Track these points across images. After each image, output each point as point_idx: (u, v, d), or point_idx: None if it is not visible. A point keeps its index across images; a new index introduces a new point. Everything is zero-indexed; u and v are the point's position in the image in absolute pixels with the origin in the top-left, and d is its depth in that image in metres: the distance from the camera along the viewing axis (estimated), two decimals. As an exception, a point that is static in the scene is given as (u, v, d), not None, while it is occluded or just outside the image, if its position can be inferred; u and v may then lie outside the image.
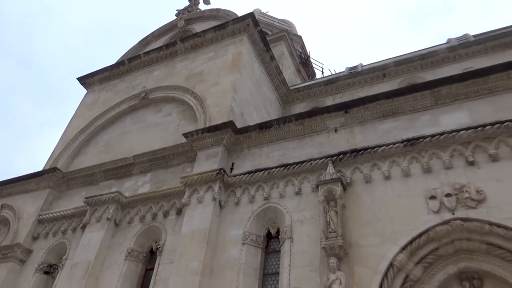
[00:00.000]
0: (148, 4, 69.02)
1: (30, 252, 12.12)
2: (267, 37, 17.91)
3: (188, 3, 20.52)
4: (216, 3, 40.06)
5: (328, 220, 8.08)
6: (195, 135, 11.30)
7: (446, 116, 8.82)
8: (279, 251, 8.97)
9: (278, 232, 9.23)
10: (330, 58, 65.97)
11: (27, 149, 58.03)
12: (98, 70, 17.92)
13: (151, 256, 10.68)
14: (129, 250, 10.47)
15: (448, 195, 7.61)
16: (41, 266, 11.60)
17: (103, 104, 16.14)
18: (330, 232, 7.89)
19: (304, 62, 24.36)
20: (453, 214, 7.36)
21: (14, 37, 59.30)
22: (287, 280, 8.00)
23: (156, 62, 16.42)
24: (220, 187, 10.06)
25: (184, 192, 10.38)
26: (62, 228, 12.10)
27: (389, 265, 7.26)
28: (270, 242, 9.48)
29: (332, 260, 7.49)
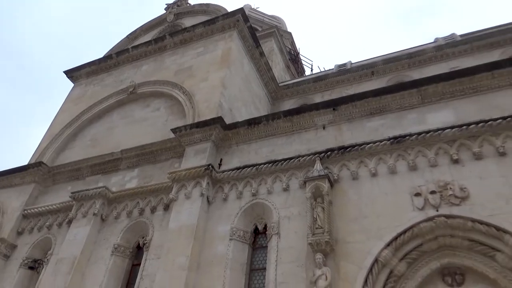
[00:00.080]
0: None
1: (14, 247, 11.97)
2: (257, 33, 17.86)
3: (178, -3, 20.34)
4: (206, -3, 39.69)
5: (315, 216, 8.15)
6: (183, 130, 11.26)
7: (432, 114, 8.95)
8: (266, 247, 9.02)
9: (265, 228, 9.28)
10: (319, 55, 66.18)
11: (11, 143, 57.06)
12: (85, 64, 17.68)
13: (137, 252, 10.65)
14: (115, 246, 10.42)
15: (432, 192, 7.75)
16: (25, 262, 11.47)
17: (90, 98, 15.95)
18: (316, 228, 7.96)
19: (293, 59, 24.40)
20: (437, 211, 7.50)
21: (-1, 27, 57.93)
22: (273, 275, 8.05)
23: (145, 56, 16.27)
24: (208, 183, 10.05)
25: (172, 188, 10.35)
26: (48, 223, 11.97)
27: (374, 260, 7.37)
28: (258, 238, 9.53)
29: (318, 256, 7.57)
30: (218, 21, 15.08)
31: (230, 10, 15.78)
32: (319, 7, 70.12)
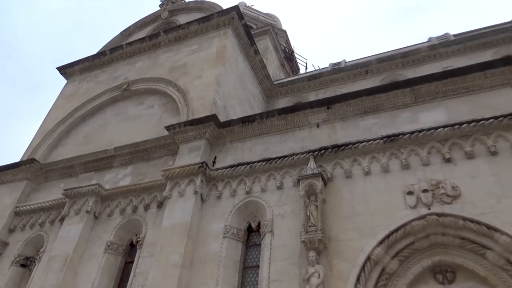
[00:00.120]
0: (132, -6, 67.62)
1: (6, 244, 11.86)
2: (251, 31, 17.86)
3: (173, -7, 20.22)
4: (201, -6, 39.49)
5: (308, 214, 8.18)
6: (177, 128, 11.23)
7: (425, 113, 9.02)
8: (260, 245, 9.05)
9: (259, 226, 9.30)
10: (314, 53, 66.15)
11: (4, 139, 56.48)
12: (79, 60, 17.53)
13: (131, 249, 10.61)
14: (108, 243, 10.37)
15: (425, 191, 7.82)
16: (17, 259, 11.38)
17: (83, 95, 15.83)
18: (310, 226, 8.00)
19: (288, 57, 24.42)
20: (429, 209, 7.57)
21: (-9, 23, 57.26)
22: (267, 273, 8.08)
23: (139, 53, 16.18)
24: (202, 181, 10.04)
25: (166, 185, 10.32)
26: (40, 221, 11.88)
27: (366, 258, 7.43)
28: (251, 235, 9.55)
29: (311, 254, 7.61)
30: (213, 18, 15.04)
31: (225, 7, 15.75)
32: (314, 5, 70.20)
